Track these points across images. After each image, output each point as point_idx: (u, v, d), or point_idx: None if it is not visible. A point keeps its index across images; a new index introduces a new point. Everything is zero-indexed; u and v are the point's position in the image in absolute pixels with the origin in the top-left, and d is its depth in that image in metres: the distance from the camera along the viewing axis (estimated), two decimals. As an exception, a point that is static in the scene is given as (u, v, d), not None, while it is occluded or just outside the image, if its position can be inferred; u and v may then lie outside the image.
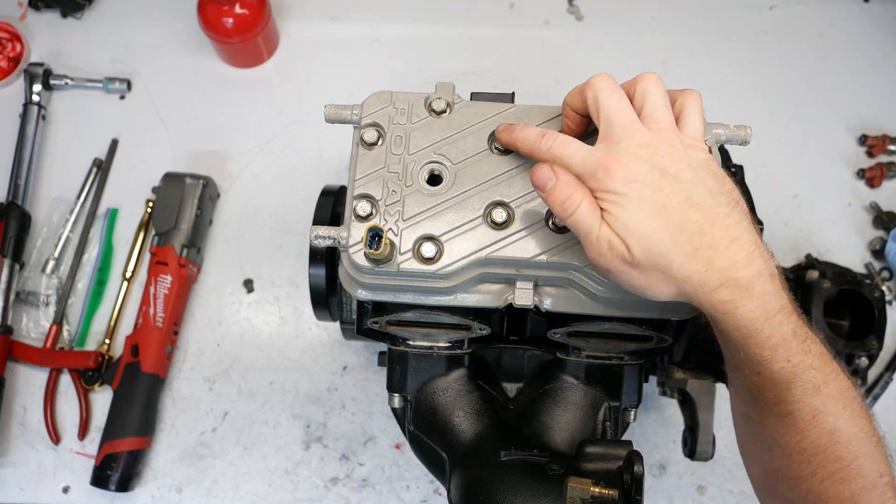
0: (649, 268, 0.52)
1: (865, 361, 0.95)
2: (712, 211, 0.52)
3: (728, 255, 0.51)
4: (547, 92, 1.14)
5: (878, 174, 1.09)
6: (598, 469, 0.57)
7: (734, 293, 0.51)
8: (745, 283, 0.51)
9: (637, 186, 0.51)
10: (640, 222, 0.51)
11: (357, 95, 0.63)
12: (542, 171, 0.54)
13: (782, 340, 0.52)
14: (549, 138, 0.56)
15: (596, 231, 0.52)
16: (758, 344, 0.52)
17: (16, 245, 1.02)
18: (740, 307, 0.52)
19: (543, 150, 0.56)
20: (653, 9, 1.18)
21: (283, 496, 0.98)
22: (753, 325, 0.52)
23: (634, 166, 0.52)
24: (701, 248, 0.51)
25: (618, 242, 0.51)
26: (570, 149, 0.54)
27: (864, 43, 1.17)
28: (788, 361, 0.53)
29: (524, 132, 0.58)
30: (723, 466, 0.99)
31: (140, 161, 1.10)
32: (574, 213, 0.52)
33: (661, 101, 0.55)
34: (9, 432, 0.99)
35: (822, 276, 0.94)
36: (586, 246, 0.53)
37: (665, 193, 0.51)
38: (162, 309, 0.99)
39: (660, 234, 0.51)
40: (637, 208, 0.51)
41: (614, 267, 0.53)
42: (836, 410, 0.54)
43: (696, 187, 0.52)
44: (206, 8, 1.04)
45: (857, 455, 0.54)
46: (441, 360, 0.69)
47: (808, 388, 0.53)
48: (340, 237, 0.58)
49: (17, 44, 1.13)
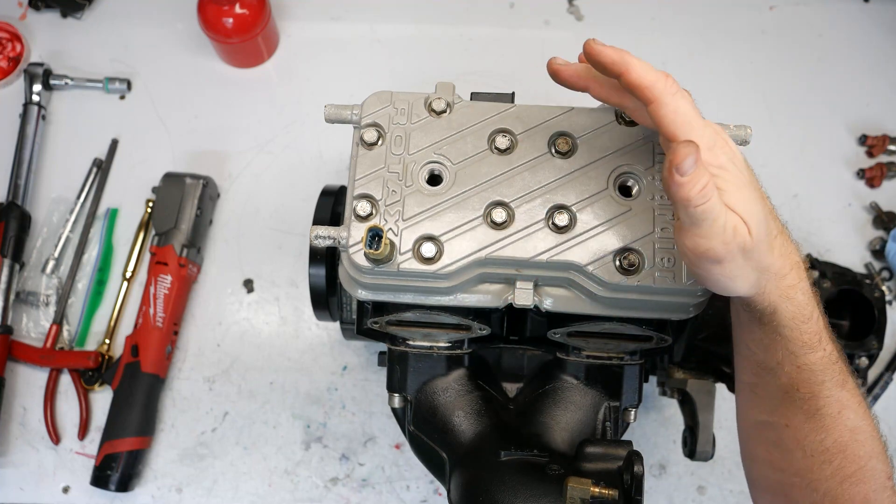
0: (753, 255, 0.48)
1: (865, 361, 0.95)
2: (767, 201, 0.53)
3: (783, 242, 0.52)
4: (547, 92, 1.12)
5: (878, 174, 1.09)
6: (598, 469, 0.57)
7: (797, 276, 0.52)
8: (799, 268, 0.53)
9: (738, 164, 0.49)
10: (755, 202, 0.48)
11: (357, 95, 0.63)
12: (688, 149, 0.43)
13: (823, 325, 0.54)
14: (673, 83, 0.47)
15: (723, 216, 0.46)
16: (809, 329, 0.53)
17: (16, 245, 1.02)
18: (800, 290, 0.52)
19: (668, 94, 0.47)
20: (653, 9, 1.18)
21: (283, 496, 0.98)
22: (806, 308, 0.53)
23: (732, 145, 0.50)
24: (777, 233, 0.52)
25: (741, 226, 0.47)
26: (692, 109, 0.47)
27: (864, 43, 1.17)
28: (825, 350, 0.54)
29: (640, 62, 0.48)
30: (723, 466, 0.99)
31: (140, 161, 1.10)
32: (711, 199, 0.45)
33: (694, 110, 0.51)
34: (9, 432, 0.99)
35: (822, 276, 0.94)
36: (708, 234, 0.46)
37: (745, 176, 0.50)
38: (162, 309, 0.99)
39: (765, 216, 0.49)
40: (751, 187, 0.49)
41: (731, 255, 0.47)
42: (856, 406, 0.55)
43: (754, 179, 0.52)
44: (206, 8, 1.04)
45: (871, 455, 0.55)
46: (441, 360, 0.69)
47: (837, 381, 0.55)
48: (340, 237, 0.58)
49: (17, 44, 1.13)
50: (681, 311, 0.60)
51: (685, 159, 0.43)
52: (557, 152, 0.60)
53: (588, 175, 0.59)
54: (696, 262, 0.49)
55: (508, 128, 0.61)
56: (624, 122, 0.61)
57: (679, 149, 0.43)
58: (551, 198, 0.58)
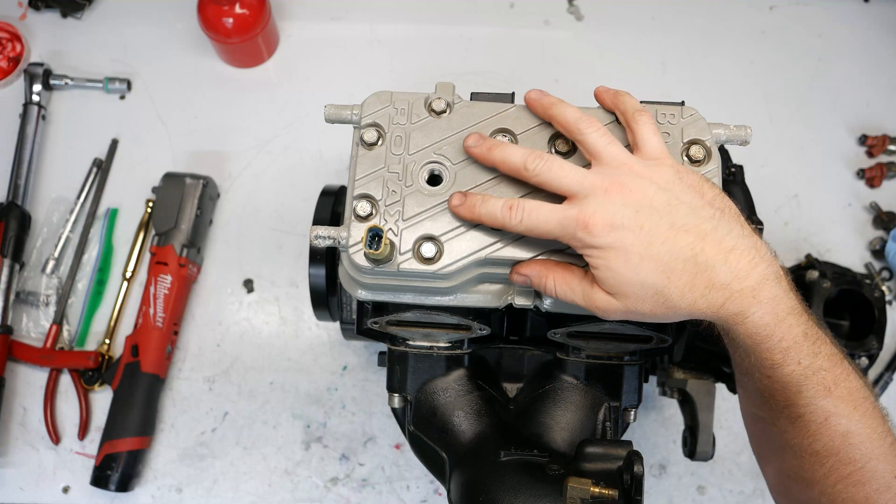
0: (652, 306, 0.52)
1: (865, 361, 0.95)
2: (699, 228, 0.51)
3: (728, 269, 0.51)
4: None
5: (878, 174, 1.09)
6: (598, 469, 0.57)
7: (741, 304, 0.51)
8: (751, 292, 0.51)
9: (618, 235, 0.51)
10: (629, 273, 0.51)
11: (357, 95, 0.63)
12: (515, 280, 0.57)
13: (793, 343, 0.52)
14: (518, 210, 0.54)
15: (580, 298, 0.54)
16: (769, 349, 0.52)
17: (16, 245, 1.02)
18: (749, 316, 0.51)
19: (514, 223, 0.54)
20: (653, 9, 1.18)
21: (283, 496, 0.98)
22: (764, 330, 0.52)
23: (608, 215, 0.51)
24: (698, 271, 0.51)
25: (604, 300, 0.53)
26: (543, 214, 0.53)
27: (864, 43, 1.17)
28: (799, 364, 0.52)
29: (489, 206, 0.55)
30: (723, 466, 0.99)
31: (140, 161, 1.10)
32: (555, 291, 0.55)
33: (601, 139, 0.55)
34: (9, 432, 0.99)
35: (822, 276, 0.94)
36: (585, 307, 0.55)
37: (647, 230, 0.50)
38: (162, 309, 0.99)
39: (652, 276, 0.51)
40: (624, 260, 0.51)
41: (618, 317, 0.54)
42: (848, 412, 0.53)
43: (674, 209, 0.51)
44: (206, 8, 1.04)
45: (870, 457, 0.54)
46: (441, 360, 0.69)
47: (818, 391, 0.53)
48: (340, 237, 0.58)
49: (17, 44, 1.13)
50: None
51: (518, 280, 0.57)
52: (557, 152, 0.60)
53: (588, 175, 0.59)
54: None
55: (508, 128, 0.61)
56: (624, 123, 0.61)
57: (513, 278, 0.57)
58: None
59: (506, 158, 0.55)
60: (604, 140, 0.55)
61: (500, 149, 0.56)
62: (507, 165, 0.56)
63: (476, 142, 0.57)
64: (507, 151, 0.56)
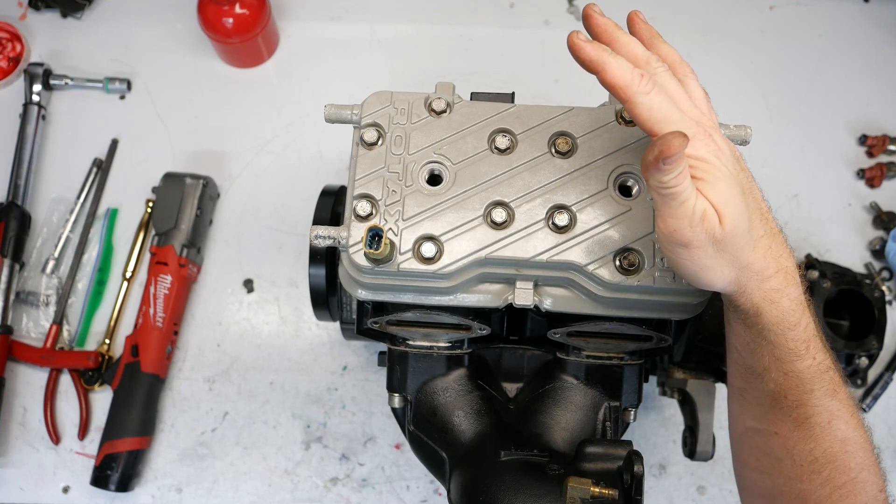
0: (727, 247, 0.49)
1: (865, 361, 0.95)
2: (763, 202, 0.52)
3: (779, 245, 0.52)
4: (547, 92, 1.14)
5: (878, 174, 1.09)
6: (598, 469, 0.57)
7: (784, 281, 0.51)
8: (791, 272, 0.52)
9: (724, 161, 0.49)
10: (733, 195, 0.48)
11: (357, 95, 0.64)
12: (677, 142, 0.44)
13: (812, 335, 0.53)
14: (648, 82, 0.47)
15: (692, 200, 0.47)
16: (795, 337, 0.52)
17: (16, 245, 1.02)
18: (786, 296, 0.51)
19: (643, 89, 0.47)
20: (653, 9, 1.18)
21: (283, 496, 0.98)
22: (794, 315, 0.52)
23: (720, 142, 0.50)
24: (764, 234, 0.51)
25: (712, 213, 0.47)
26: (667, 102, 0.48)
27: (864, 43, 1.17)
28: (814, 359, 0.53)
29: (619, 62, 0.48)
30: (723, 466, 0.99)
31: (140, 161, 1.10)
32: (683, 182, 0.46)
33: (679, 90, 0.51)
34: (9, 432, 0.99)
35: (822, 276, 0.94)
36: (676, 215, 0.47)
37: (737, 174, 0.50)
38: (162, 309, 0.99)
39: (745, 211, 0.49)
40: (730, 181, 0.49)
41: (698, 241, 0.48)
42: (848, 417, 0.54)
43: (748, 175, 0.52)
44: (206, 8, 1.04)
45: (863, 467, 0.54)
46: (441, 360, 0.69)
47: (827, 391, 0.54)
48: (340, 237, 0.58)
49: (17, 44, 1.13)
50: (681, 311, 0.60)
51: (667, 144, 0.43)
52: (557, 152, 0.60)
53: (588, 175, 0.59)
54: (665, 244, 0.50)
55: (508, 128, 0.61)
56: (624, 122, 0.61)
57: (666, 141, 0.43)
58: (551, 198, 0.58)
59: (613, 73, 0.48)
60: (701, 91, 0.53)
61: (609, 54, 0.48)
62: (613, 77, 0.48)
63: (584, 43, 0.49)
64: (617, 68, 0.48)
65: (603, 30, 0.52)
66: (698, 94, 0.53)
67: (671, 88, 0.50)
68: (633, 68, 0.48)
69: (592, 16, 0.52)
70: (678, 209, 0.47)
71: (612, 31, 0.52)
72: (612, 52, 0.49)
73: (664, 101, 0.48)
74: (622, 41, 0.51)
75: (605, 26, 0.52)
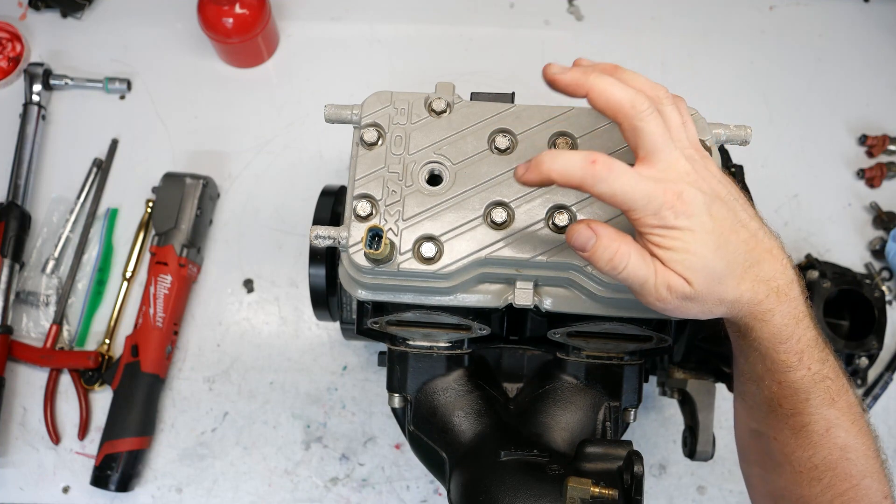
0: (707, 296, 0.50)
1: (865, 361, 0.95)
2: (751, 225, 0.51)
3: (769, 266, 0.51)
4: (547, 92, 1.12)
5: (878, 174, 1.09)
6: (598, 469, 0.57)
7: (774, 301, 0.51)
8: (783, 291, 0.51)
9: (698, 220, 0.48)
10: (703, 257, 0.48)
11: (357, 95, 0.64)
12: (580, 232, 0.47)
13: (807, 346, 0.53)
14: (603, 166, 0.46)
15: (652, 279, 0.48)
16: (786, 350, 0.52)
17: (16, 245, 1.02)
18: (777, 313, 0.51)
19: (597, 180, 0.46)
20: (653, 9, 1.18)
21: (283, 496, 0.98)
22: (785, 330, 0.52)
23: (691, 197, 0.48)
24: (750, 265, 0.51)
25: (678, 282, 0.48)
26: (630, 180, 0.46)
27: (864, 43, 1.17)
28: (809, 369, 0.53)
29: (562, 161, 0.47)
30: (723, 466, 0.99)
31: (140, 161, 1.10)
32: (626, 267, 0.48)
33: (679, 119, 0.51)
34: (9, 432, 0.99)
35: (822, 276, 0.94)
36: (642, 294, 0.50)
37: (718, 219, 0.49)
38: (162, 309, 0.99)
39: (720, 263, 0.49)
40: (701, 243, 0.48)
41: (673, 306, 0.50)
42: (847, 425, 0.54)
43: (735, 204, 0.51)
44: (206, 8, 1.04)
45: (865, 474, 0.54)
46: (441, 360, 0.69)
47: (824, 399, 0.53)
48: (340, 237, 0.58)
49: (17, 44, 1.13)
50: (681, 311, 0.60)
51: (575, 242, 0.47)
52: (557, 152, 0.60)
53: (588, 175, 0.59)
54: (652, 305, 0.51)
55: (508, 128, 0.61)
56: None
57: (568, 235, 0.47)
58: (551, 198, 0.58)
59: (612, 91, 0.48)
60: (679, 119, 0.51)
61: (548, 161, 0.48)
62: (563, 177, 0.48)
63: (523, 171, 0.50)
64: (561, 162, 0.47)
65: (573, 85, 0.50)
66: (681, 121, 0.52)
67: (659, 119, 0.49)
68: (626, 89, 0.48)
69: (556, 80, 0.51)
70: (641, 289, 0.49)
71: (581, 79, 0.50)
72: (596, 74, 0.49)
73: (656, 128, 0.48)
74: (598, 82, 0.50)
75: (572, 79, 0.50)
